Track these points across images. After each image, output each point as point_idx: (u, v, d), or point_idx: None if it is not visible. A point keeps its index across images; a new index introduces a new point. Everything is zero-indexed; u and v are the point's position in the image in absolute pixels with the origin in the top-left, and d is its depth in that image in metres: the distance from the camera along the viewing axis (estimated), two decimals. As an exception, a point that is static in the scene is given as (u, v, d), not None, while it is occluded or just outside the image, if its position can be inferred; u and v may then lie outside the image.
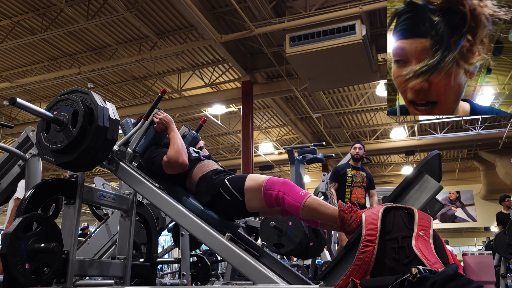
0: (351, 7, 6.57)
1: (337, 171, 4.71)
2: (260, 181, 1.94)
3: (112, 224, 3.24)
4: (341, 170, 4.70)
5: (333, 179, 4.69)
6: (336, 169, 4.76)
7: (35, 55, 8.75)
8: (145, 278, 2.41)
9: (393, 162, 15.97)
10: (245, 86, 8.98)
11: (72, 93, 1.91)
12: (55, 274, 1.80)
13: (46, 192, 1.91)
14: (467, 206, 16.27)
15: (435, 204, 2.05)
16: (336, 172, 4.71)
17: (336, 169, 4.76)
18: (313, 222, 1.92)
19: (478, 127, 11.58)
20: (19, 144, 2.72)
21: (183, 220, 1.87)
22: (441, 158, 1.74)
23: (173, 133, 2.17)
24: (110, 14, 7.27)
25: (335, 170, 4.76)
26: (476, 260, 1.56)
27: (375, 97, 10.58)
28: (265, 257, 2.21)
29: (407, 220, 1.53)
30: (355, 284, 1.41)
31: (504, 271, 5.06)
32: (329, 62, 7.14)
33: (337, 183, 4.65)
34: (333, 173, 4.75)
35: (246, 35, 7.31)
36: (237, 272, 4.34)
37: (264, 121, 12.19)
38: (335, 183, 4.66)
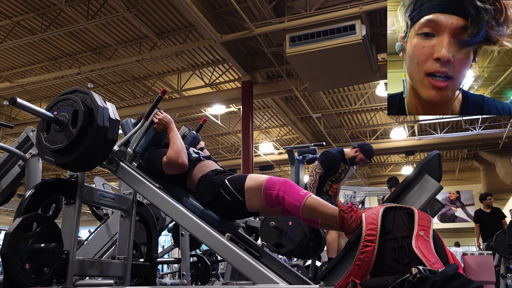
0: (351, 7, 6.57)
1: (333, 160, 4.17)
2: (260, 181, 1.95)
3: (112, 224, 3.24)
4: (337, 162, 4.20)
5: (325, 166, 4.13)
6: (332, 157, 4.18)
7: (35, 55, 8.75)
8: (145, 278, 2.41)
9: (393, 162, 15.97)
10: (245, 86, 8.98)
11: (72, 93, 1.91)
12: (55, 274, 1.80)
13: (46, 192, 1.91)
14: (467, 206, 16.28)
15: (435, 204, 2.05)
16: (332, 161, 4.16)
17: (332, 157, 4.18)
18: (313, 221, 1.93)
19: (478, 127, 11.58)
20: (19, 144, 2.73)
21: (183, 220, 1.87)
22: (441, 158, 1.74)
23: (173, 133, 2.17)
24: (110, 14, 7.26)
25: (331, 157, 4.17)
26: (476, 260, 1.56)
27: (375, 97, 10.58)
28: (265, 257, 2.21)
29: (407, 220, 1.53)
30: (355, 284, 1.41)
31: (504, 271, 5.06)
32: (329, 62, 7.14)
33: (324, 171, 4.13)
34: (328, 159, 4.16)
35: (246, 35, 7.31)
36: (237, 272, 4.34)
37: (264, 121, 12.18)
38: (323, 171, 4.13)
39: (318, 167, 4.12)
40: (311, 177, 4.08)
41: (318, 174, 4.09)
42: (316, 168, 4.12)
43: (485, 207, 6.83)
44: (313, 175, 4.09)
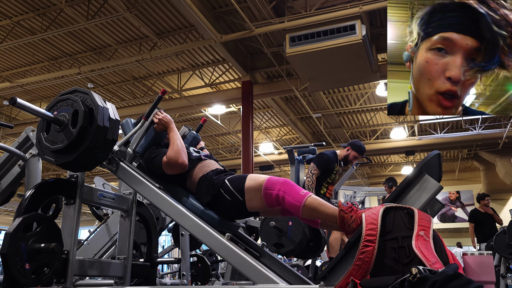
0: (351, 7, 6.57)
1: (328, 161, 4.17)
2: (260, 181, 1.95)
3: (112, 224, 3.24)
4: (332, 163, 4.19)
5: (320, 167, 4.12)
6: (327, 158, 4.19)
7: (35, 55, 8.75)
8: (145, 278, 2.41)
9: (393, 162, 15.97)
10: (245, 86, 8.97)
11: (72, 93, 1.91)
12: (55, 274, 1.80)
13: (46, 192, 1.91)
14: (467, 206, 16.27)
15: (435, 204, 2.05)
16: (327, 162, 4.17)
17: (327, 158, 4.19)
18: (313, 221, 1.93)
19: (478, 127, 11.58)
20: (19, 144, 2.73)
21: (183, 220, 1.87)
22: (441, 158, 1.74)
23: (173, 133, 2.17)
24: (110, 14, 7.26)
25: (325, 158, 4.18)
26: (476, 260, 1.56)
27: (375, 97, 10.58)
28: (265, 257, 2.21)
29: (407, 220, 1.53)
30: (355, 284, 1.41)
31: (504, 271, 5.06)
32: (329, 62, 7.14)
33: (320, 172, 4.13)
34: (323, 160, 4.17)
35: (246, 35, 7.31)
36: (237, 272, 4.34)
37: (264, 121, 12.18)
38: (319, 172, 4.11)
39: (314, 169, 4.10)
40: (308, 178, 4.07)
41: (314, 175, 4.08)
42: (312, 169, 4.10)
43: (481, 207, 6.83)
44: (310, 176, 4.08)
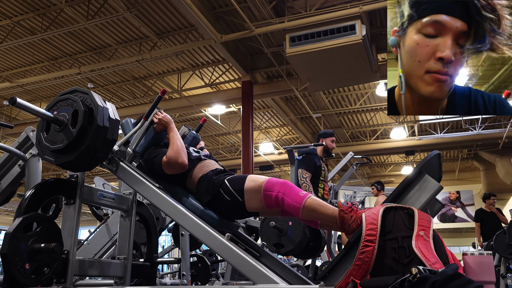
0: (351, 7, 6.57)
1: (314, 161, 4.00)
2: (260, 182, 1.94)
3: (112, 224, 3.24)
4: (317, 161, 4.02)
5: (310, 170, 3.95)
6: (312, 158, 4.01)
7: (35, 55, 8.75)
8: (145, 278, 2.41)
9: (393, 162, 15.97)
10: (245, 86, 8.97)
11: (72, 93, 1.91)
12: (55, 274, 1.80)
13: (46, 192, 1.91)
14: (467, 206, 16.28)
15: (435, 204, 2.05)
16: (313, 162, 3.99)
17: (312, 158, 4.01)
18: (313, 222, 1.92)
19: (478, 127, 11.58)
20: (19, 144, 2.73)
21: (183, 220, 1.87)
22: (441, 158, 1.74)
23: (172, 133, 2.17)
24: (110, 14, 7.26)
25: (311, 159, 4.01)
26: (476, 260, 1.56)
27: (375, 97, 10.58)
28: (265, 257, 2.21)
29: (407, 220, 1.53)
30: (355, 284, 1.41)
31: (504, 271, 5.06)
32: (329, 62, 7.13)
33: (311, 174, 3.95)
34: (308, 162, 3.99)
35: (246, 35, 7.31)
36: (237, 272, 4.34)
37: (264, 121, 12.18)
38: (310, 174, 3.94)
39: (304, 173, 3.94)
40: (303, 183, 3.89)
41: (307, 178, 3.93)
42: (303, 174, 3.93)
43: (486, 207, 6.85)
44: (304, 180, 3.91)
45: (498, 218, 6.71)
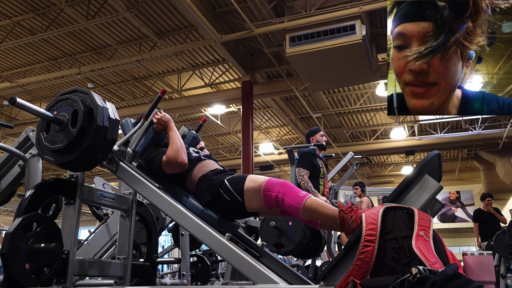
0: (351, 7, 6.57)
1: (311, 159, 4.00)
2: (260, 182, 1.94)
3: (112, 224, 3.24)
4: (315, 159, 4.02)
5: (308, 168, 3.94)
6: (309, 157, 4.01)
7: (35, 55, 8.75)
8: (145, 278, 2.41)
9: (393, 162, 15.97)
10: (245, 86, 8.97)
11: (72, 93, 1.91)
12: (55, 274, 1.80)
13: (46, 192, 1.91)
14: (467, 206, 16.26)
15: (435, 204, 2.05)
16: (310, 160, 3.99)
17: (309, 157, 4.01)
18: (313, 222, 1.92)
19: (478, 127, 11.57)
20: (19, 144, 2.73)
21: (183, 220, 1.87)
22: (441, 158, 1.74)
23: (172, 132, 2.17)
24: (110, 14, 7.26)
25: (308, 157, 4.01)
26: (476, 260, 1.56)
27: (375, 97, 10.58)
28: (265, 257, 2.21)
29: (407, 220, 1.53)
30: (355, 284, 1.41)
31: (504, 271, 5.06)
32: (329, 62, 7.13)
33: (309, 172, 3.94)
34: (306, 160, 3.99)
35: (246, 35, 7.31)
36: (237, 272, 4.34)
37: (264, 121, 12.18)
38: (308, 171, 3.92)
39: (301, 171, 3.92)
40: (302, 182, 3.88)
41: (305, 175, 3.91)
42: (301, 172, 3.92)
43: (484, 207, 6.88)
44: (301, 178, 3.89)
45: (496, 218, 6.73)
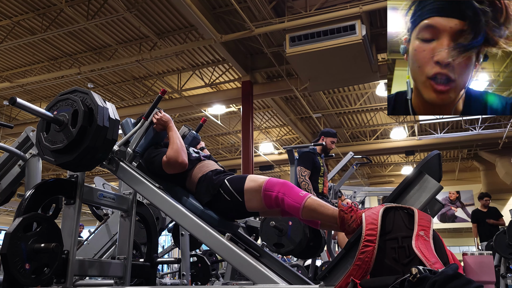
0: (351, 7, 6.57)
1: (312, 159, 4.05)
2: (260, 182, 1.94)
3: (112, 224, 3.24)
4: (315, 159, 4.07)
5: (309, 167, 3.98)
6: (311, 156, 4.07)
7: (35, 55, 8.75)
8: (145, 278, 2.40)
9: (393, 162, 15.97)
10: (245, 86, 8.98)
11: (72, 93, 1.91)
12: (55, 274, 1.80)
13: (46, 192, 1.91)
14: (467, 206, 16.26)
15: (435, 204, 2.05)
16: (312, 159, 4.04)
17: (311, 156, 4.07)
18: (313, 222, 1.92)
19: (478, 127, 11.57)
20: (19, 144, 2.73)
21: (183, 220, 1.87)
22: (441, 158, 1.74)
23: (172, 132, 2.18)
24: (110, 14, 7.26)
25: (310, 157, 4.06)
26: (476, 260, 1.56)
27: (375, 97, 10.58)
28: (265, 257, 2.21)
29: (407, 220, 1.53)
30: (355, 284, 1.41)
31: (504, 271, 5.06)
32: (329, 62, 7.13)
33: (310, 171, 3.98)
34: (307, 159, 4.04)
35: (246, 35, 7.31)
36: (237, 272, 4.34)
37: (264, 121, 12.18)
38: (309, 171, 3.97)
39: (303, 171, 3.96)
40: (302, 182, 3.92)
41: (306, 176, 3.95)
42: (302, 172, 3.96)
43: (481, 207, 6.88)
44: (303, 179, 3.93)
45: (494, 216, 6.74)
